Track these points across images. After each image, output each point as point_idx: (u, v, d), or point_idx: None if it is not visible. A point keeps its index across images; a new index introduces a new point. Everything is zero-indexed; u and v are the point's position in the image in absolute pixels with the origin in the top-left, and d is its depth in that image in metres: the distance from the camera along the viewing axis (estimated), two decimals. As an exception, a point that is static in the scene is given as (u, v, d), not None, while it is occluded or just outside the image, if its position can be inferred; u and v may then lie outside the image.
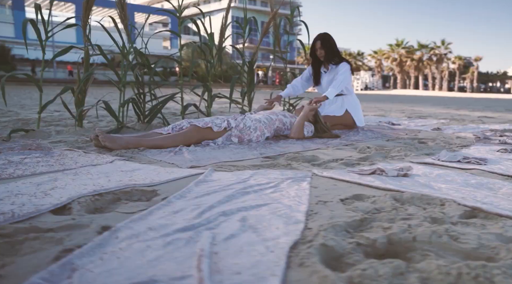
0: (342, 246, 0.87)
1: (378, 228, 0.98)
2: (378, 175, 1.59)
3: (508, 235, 0.95)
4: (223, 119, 2.69)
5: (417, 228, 0.95)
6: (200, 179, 1.56)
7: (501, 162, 1.90)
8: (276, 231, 0.98)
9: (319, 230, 0.95)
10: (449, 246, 0.88)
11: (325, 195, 1.32)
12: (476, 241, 0.89)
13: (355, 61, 50.54)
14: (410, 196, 1.26)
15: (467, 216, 1.12)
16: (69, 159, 2.02)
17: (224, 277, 0.74)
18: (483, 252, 0.86)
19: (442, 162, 1.90)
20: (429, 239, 0.91)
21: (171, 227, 1.00)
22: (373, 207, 1.17)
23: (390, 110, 6.89)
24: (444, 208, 1.17)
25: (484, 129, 3.56)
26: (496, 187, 1.44)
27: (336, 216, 1.08)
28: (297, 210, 1.15)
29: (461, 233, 0.95)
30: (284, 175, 1.64)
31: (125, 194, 1.37)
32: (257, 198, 1.29)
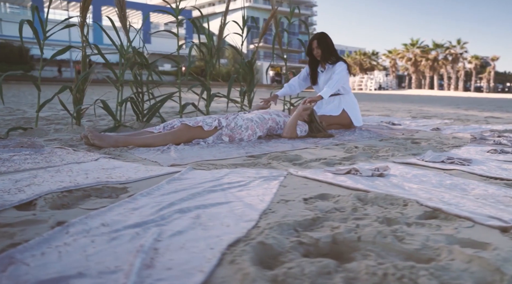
0: (282, 245, 0.87)
1: (327, 228, 0.98)
2: (353, 174, 1.58)
3: (459, 236, 0.94)
4: (214, 118, 2.70)
5: (364, 228, 0.95)
6: (174, 177, 1.57)
7: (485, 163, 1.87)
8: (225, 229, 0.99)
9: (264, 229, 0.96)
10: (392, 247, 0.87)
11: (291, 194, 1.32)
12: (421, 242, 0.88)
13: (370, 61, 50.03)
14: (374, 196, 1.25)
15: (427, 216, 1.11)
16: (57, 157, 2.06)
17: (154, 272, 0.76)
18: (425, 253, 0.85)
19: (425, 162, 1.88)
20: (373, 239, 0.90)
21: (123, 223, 1.02)
22: (333, 206, 1.17)
23: (397, 110, 6.81)
24: (406, 208, 1.16)
25: (484, 129, 3.49)
26: (470, 187, 1.41)
27: (290, 215, 1.08)
28: (255, 209, 1.15)
29: (410, 234, 0.94)
30: (259, 173, 1.64)
31: (95, 191, 1.40)
32: (221, 196, 1.30)
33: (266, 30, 4.21)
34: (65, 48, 3.16)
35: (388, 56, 47.02)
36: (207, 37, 3.70)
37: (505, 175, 1.61)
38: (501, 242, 0.90)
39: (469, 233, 0.96)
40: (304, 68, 3.74)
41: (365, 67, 49.42)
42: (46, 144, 2.52)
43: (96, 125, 3.63)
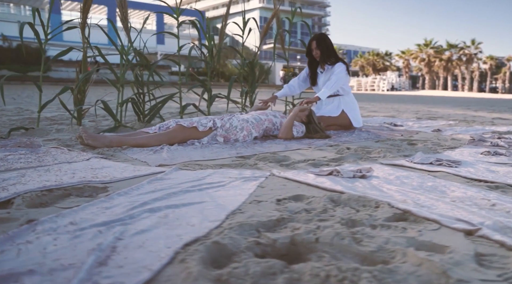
0: (237, 245, 0.87)
1: (288, 229, 0.98)
2: (335, 175, 1.57)
3: (420, 239, 0.93)
4: (210, 119, 2.72)
5: (324, 230, 0.95)
6: (157, 177, 1.59)
7: (475, 165, 1.84)
8: (189, 228, 1.00)
9: (225, 229, 0.96)
10: (348, 249, 0.87)
11: (266, 195, 1.32)
12: (378, 244, 0.88)
13: (383, 62, 49.54)
14: (347, 197, 1.25)
15: (396, 219, 1.10)
16: (50, 156, 2.10)
17: (105, 269, 0.77)
18: (380, 256, 0.84)
19: (414, 163, 1.86)
20: (330, 241, 0.90)
21: (91, 222, 1.04)
22: (304, 207, 1.17)
23: (405, 111, 6.73)
24: (376, 210, 1.15)
25: (486, 131, 3.43)
26: (450, 189, 1.40)
27: (256, 215, 1.08)
28: (225, 209, 1.16)
29: (371, 236, 0.94)
30: (241, 174, 1.65)
31: (76, 190, 1.42)
32: (197, 196, 1.31)
33: (267, 31, 4.21)
34: (67, 50, 3.23)
35: (401, 57, 46.49)
36: (207, 38, 3.72)
37: (490, 177, 1.58)
38: (460, 245, 0.89)
39: (432, 236, 0.96)
40: (304, 69, 3.73)
41: (378, 67, 48.98)
42: (45, 143, 2.57)
43: (99, 125, 3.69)
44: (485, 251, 0.87)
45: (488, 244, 0.91)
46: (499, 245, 0.90)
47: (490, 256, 0.85)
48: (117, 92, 3.43)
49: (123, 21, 3.44)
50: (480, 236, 0.94)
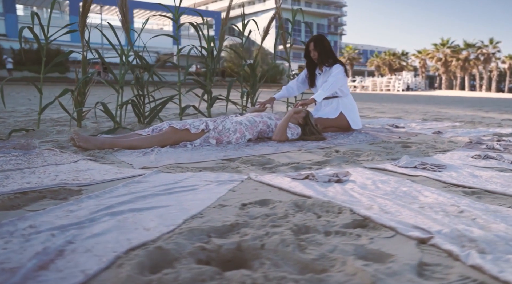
0: (181, 250, 0.88)
1: (238, 234, 0.98)
2: (310, 179, 1.56)
3: (369, 247, 0.92)
4: (203, 121, 2.73)
5: (272, 236, 0.94)
6: (135, 180, 1.61)
7: (460, 169, 1.80)
8: (142, 233, 1.01)
9: (175, 233, 0.97)
10: (291, 256, 0.87)
11: (233, 199, 1.33)
12: (321, 252, 0.87)
13: (399, 62, 48.85)
14: (312, 202, 1.24)
15: (354, 225, 1.08)
16: (41, 158, 2.15)
17: (43, 273, 0.79)
18: (320, 264, 0.83)
19: (398, 167, 1.83)
20: (275, 248, 0.90)
21: (50, 225, 1.06)
22: (265, 212, 1.16)
23: (413, 112, 6.63)
24: (338, 216, 1.14)
25: (488, 133, 3.35)
26: (423, 195, 1.37)
27: (213, 220, 1.08)
28: (186, 213, 1.17)
29: (319, 243, 0.93)
30: (218, 178, 1.65)
31: (52, 193, 1.45)
32: (164, 200, 1.32)
33: (268, 31, 4.20)
34: (67, 53, 3.29)
35: (418, 57, 45.74)
36: (206, 41, 3.74)
37: (471, 183, 1.55)
38: (407, 254, 0.88)
39: (383, 244, 0.94)
40: (303, 71, 3.72)
41: (395, 67, 48.32)
42: (42, 145, 2.62)
43: (100, 126, 3.75)
44: (431, 260, 0.85)
45: (437, 253, 0.89)
46: (447, 255, 0.88)
47: (434, 266, 0.83)
48: (117, 94, 3.48)
49: (124, 23, 3.49)
50: (432, 245, 0.93)
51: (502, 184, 1.52)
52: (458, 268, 0.81)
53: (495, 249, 0.89)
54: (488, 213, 1.16)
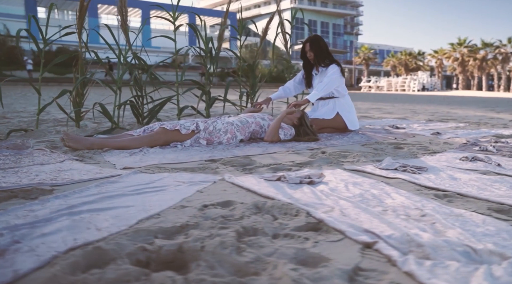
0: (120, 251, 0.88)
1: (185, 235, 0.98)
2: (282, 181, 1.55)
3: (310, 250, 0.91)
4: (194, 122, 2.74)
5: (214, 238, 0.94)
6: (109, 180, 1.63)
7: (441, 171, 1.76)
8: (92, 232, 1.02)
9: (121, 234, 0.97)
10: (226, 258, 0.86)
11: (197, 200, 1.32)
12: (258, 255, 0.86)
13: (415, 61, 48.08)
14: (271, 204, 1.23)
15: (307, 228, 1.07)
16: (29, 158, 2.19)
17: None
18: (253, 267, 0.83)
19: (377, 169, 1.80)
20: (213, 250, 0.89)
21: (3, 225, 1.07)
22: (222, 213, 1.16)
23: (421, 113, 6.51)
24: (293, 218, 1.13)
25: (489, 134, 3.27)
26: (391, 198, 1.34)
27: (165, 221, 1.09)
28: (144, 214, 1.17)
29: (260, 246, 0.92)
30: (192, 178, 1.65)
31: (24, 192, 1.47)
32: (128, 200, 1.33)
33: (267, 31, 4.19)
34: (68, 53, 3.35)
35: (434, 56, 44.91)
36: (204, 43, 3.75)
37: (447, 185, 1.51)
38: (345, 258, 0.86)
39: (325, 248, 0.92)
40: (300, 71, 3.69)
41: (411, 67, 47.59)
42: (37, 145, 2.67)
43: (100, 126, 3.80)
44: (368, 265, 0.83)
45: (378, 258, 0.87)
46: (387, 260, 0.86)
47: (369, 271, 0.81)
48: (115, 94, 3.52)
49: (123, 25, 3.54)
50: (375, 250, 0.91)
51: (479, 187, 1.48)
52: (392, 274, 0.79)
53: (439, 254, 0.87)
54: (450, 217, 1.13)
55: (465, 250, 0.88)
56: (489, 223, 1.08)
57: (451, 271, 0.78)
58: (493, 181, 1.57)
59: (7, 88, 13.69)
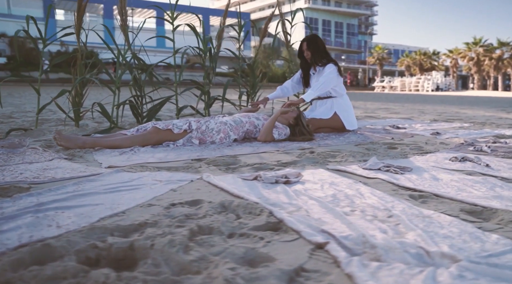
0: (69, 248, 0.88)
1: (140, 233, 0.98)
2: (258, 180, 1.54)
3: (260, 250, 0.89)
4: (186, 121, 2.75)
5: (166, 236, 0.93)
6: (89, 179, 1.64)
7: (425, 172, 1.72)
8: (51, 230, 1.03)
9: (77, 231, 0.98)
10: (173, 257, 0.85)
11: (167, 199, 1.32)
12: (203, 254, 0.85)
13: (430, 61, 47.36)
14: (237, 204, 1.22)
15: (267, 228, 1.05)
16: (20, 156, 2.22)
17: None
18: (196, 266, 0.82)
19: (360, 169, 1.77)
20: (162, 248, 0.88)
21: (-31, 221, 1.09)
22: (186, 212, 1.15)
23: (428, 113, 6.41)
24: (255, 218, 1.12)
25: (488, 134, 3.20)
26: (364, 197, 1.32)
27: (126, 219, 1.09)
28: (109, 212, 1.18)
29: (210, 244, 0.92)
30: (170, 177, 1.66)
31: (2, 190, 1.49)
32: (99, 199, 1.33)
33: (266, 31, 4.17)
34: (64, 55, 3.40)
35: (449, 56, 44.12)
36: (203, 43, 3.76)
37: (426, 186, 1.47)
38: (291, 258, 0.85)
39: (276, 248, 0.91)
40: (299, 71, 3.67)
41: (425, 67, 46.89)
42: (33, 144, 2.71)
43: (100, 126, 3.84)
44: (312, 266, 0.82)
45: (325, 259, 0.85)
46: (333, 261, 0.84)
47: (312, 272, 0.79)
48: (113, 94, 3.55)
49: (122, 26, 3.57)
50: (326, 250, 0.89)
51: (459, 188, 1.44)
52: (334, 275, 0.77)
53: (390, 256, 0.85)
54: (417, 219, 1.10)
55: (418, 252, 0.86)
56: (455, 224, 1.05)
57: (394, 273, 0.76)
58: (475, 181, 1.53)
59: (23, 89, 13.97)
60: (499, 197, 1.29)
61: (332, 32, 52.62)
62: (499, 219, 1.11)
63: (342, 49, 53.03)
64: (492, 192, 1.37)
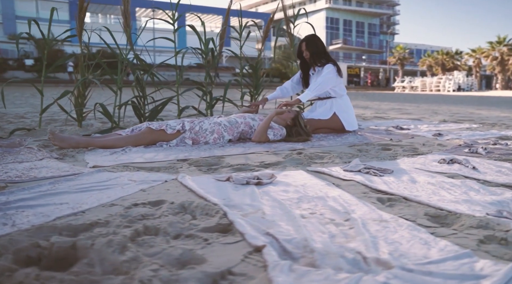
0: (10, 247, 0.90)
1: (86, 233, 0.99)
2: (230, 181, 1.53)
3: (197, 252, 0.89)
4: (180, 122, 2.76)
5: (107, 236, 0.94)
6: (67, 178, 1.67)
7: (405, 174, 1.67)
8: (7, 229, 1.04)
9: (25, 230, 0.99)
10: (108, 257, 0.86)
11: (131, 199, 1.33)
12: (137, 255, 0.85)
13: (452, 61, 46.19)
14: (197, 204, 1.21)
15: (215, 229, 1.04)
16: (13, 155, 2.28)
17: None
18: (127, 266, 0.82)
19: (340, 171, 1.74)
20: (100, 248, 0.89)
21: None
22: (144, 213, 1.15)
23: (441, 114, 6.25)
24: (209, 219, 1.11)
25: (491, 136, 3.09)
26: (330, 200, 1.29)
27: (80, 219, 1.10)
28: (69, 211, 1.19)
29: (150, 245, 0.92)
30: (146, 177, 1.67)
31: (-21, 188, 1.54)
32: (66, 198, 1.35)
33: (268, 32, 4.16)
34: (68, 57, 3.47)
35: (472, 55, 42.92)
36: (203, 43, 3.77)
37: (400, 189, 1.43)
38: (222, 261, 0.83)
39: (215, 250, 0.90)
40: (298, 71, 3.64)
41: (448, 67, 45.77)
42: (33, 143, 2.78)
43: (104, 126, 3.91)
44: (241, 270, 0.80)
45: (256, 263, 0.84)
46: (263, 265, 0.82)
47: (238, 275, 0.78)
48: (115, 95, 3.60)
49: (126, 29, 3.62)
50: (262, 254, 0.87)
51: (433, 191, 1.40)
52: (257, 280, 0.76)
53: (325, 261, 0.82)
54: (373, 223, 1.07)
55: (355, 258, 0.83)
56: (409, 230, 1.01)
57: (318, 279, 0.74)
58: (452, 185, 1.47)
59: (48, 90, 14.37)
60: (469, 201, 1.24)
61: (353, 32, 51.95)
62: (459, 224, 1.06)
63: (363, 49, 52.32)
64: (464, 195, 1.32)
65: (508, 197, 1.27)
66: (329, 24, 49.90)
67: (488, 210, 1.16)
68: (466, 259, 0.82)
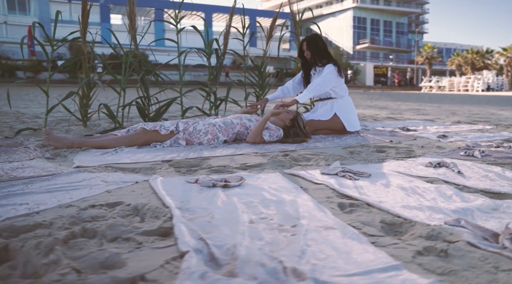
0: None
1: (27, 234, 0.99)
2: (198, 183, 1.51)
3: (122, 256, 0.88)
4: (174, 123, 2.77)
5: (39, 239, 0.94)
6: (43, 178, 1.70)
7: (381, 179, 1.60)
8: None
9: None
10: (32, 259, 0.86)
11: (92, 200, 1.34)
12: (60, 257, 0.85)
13: (483, 60, 44.55)
14: (148, 207, 1.20)
15: (157, 233, 1.03)
16: (8, 155, 2.35)
17: None
18: (46, 268, 0.82)
19: (317, 174, 1.69)
20: (28, 250, 0.89)
21: None
22: (95, 214, 1.15)
23: (459, 114, 6.03)
24: (154, 221, 1.10)
25: (498, 138, 2.95)
26: (287, 204, 1.25)
27: (27, 220, 1.11)
28: (24, 211, 1.20)
29: (79, 248, 0.92)
30: (121, 178, 1.68)
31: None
32: (29, 198, 1.37)
33: (272, 32, 4.12)
34: (72, 58, 3.55)
35: (503, 54, 41.24)
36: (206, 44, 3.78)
37: (368, 194, 1.37)
38: (140, 267, 0.82)
39: (141, 254, 0.89)
40: (300, 71, 3.58)
41: (478, 66, 44.17)
42: (34, 143, 2.86)
43: (110, 126, 3.97)
44: (154, 276, 0.78)
45: (173, 269, 0.82)
46: (177, 272, 0.80)
47: (150, 282, 0.76)
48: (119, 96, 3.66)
49: (131, 30, 3.67)
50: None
51: (402, 197, 1.34)
52: (164, 287, 0.74)
53: (244, 270, 0.79)
54: (320, 230, 1.03)
55: (276, 267, 0.80)
56: (352, 239, 0.96)
57: (225, 289, 0.71)
58: (425, 190, 1.40)
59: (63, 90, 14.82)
60: (432, 209, 1.17)
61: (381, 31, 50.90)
62: (410, 233, 1.01)
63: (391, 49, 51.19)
64: (431, 202, 1.25)
65: (476, 204, 1.19)
66: (356, 24, 48.99)
67: (448, 218, 1.09)
68: (393, 272, 0.77)
